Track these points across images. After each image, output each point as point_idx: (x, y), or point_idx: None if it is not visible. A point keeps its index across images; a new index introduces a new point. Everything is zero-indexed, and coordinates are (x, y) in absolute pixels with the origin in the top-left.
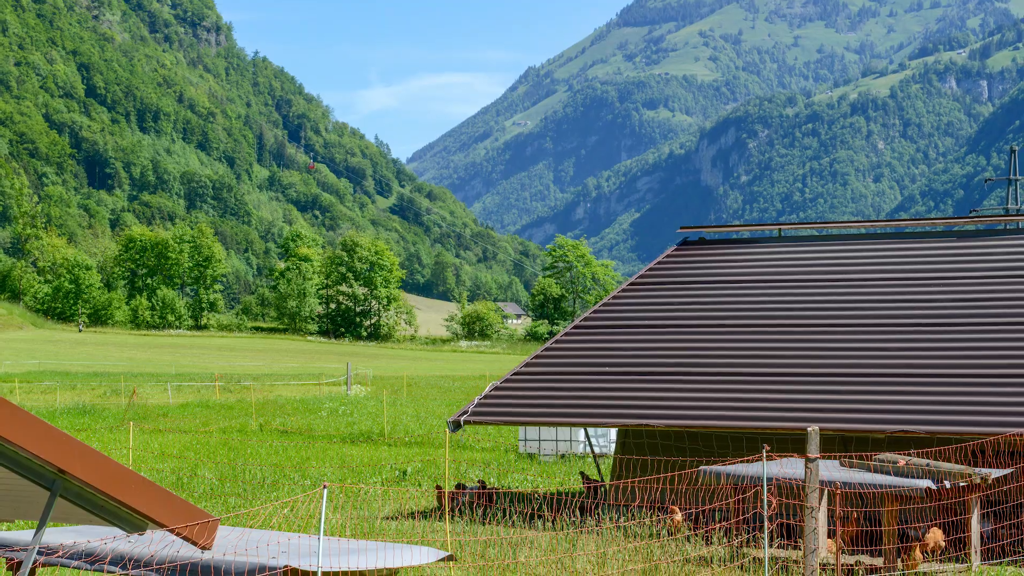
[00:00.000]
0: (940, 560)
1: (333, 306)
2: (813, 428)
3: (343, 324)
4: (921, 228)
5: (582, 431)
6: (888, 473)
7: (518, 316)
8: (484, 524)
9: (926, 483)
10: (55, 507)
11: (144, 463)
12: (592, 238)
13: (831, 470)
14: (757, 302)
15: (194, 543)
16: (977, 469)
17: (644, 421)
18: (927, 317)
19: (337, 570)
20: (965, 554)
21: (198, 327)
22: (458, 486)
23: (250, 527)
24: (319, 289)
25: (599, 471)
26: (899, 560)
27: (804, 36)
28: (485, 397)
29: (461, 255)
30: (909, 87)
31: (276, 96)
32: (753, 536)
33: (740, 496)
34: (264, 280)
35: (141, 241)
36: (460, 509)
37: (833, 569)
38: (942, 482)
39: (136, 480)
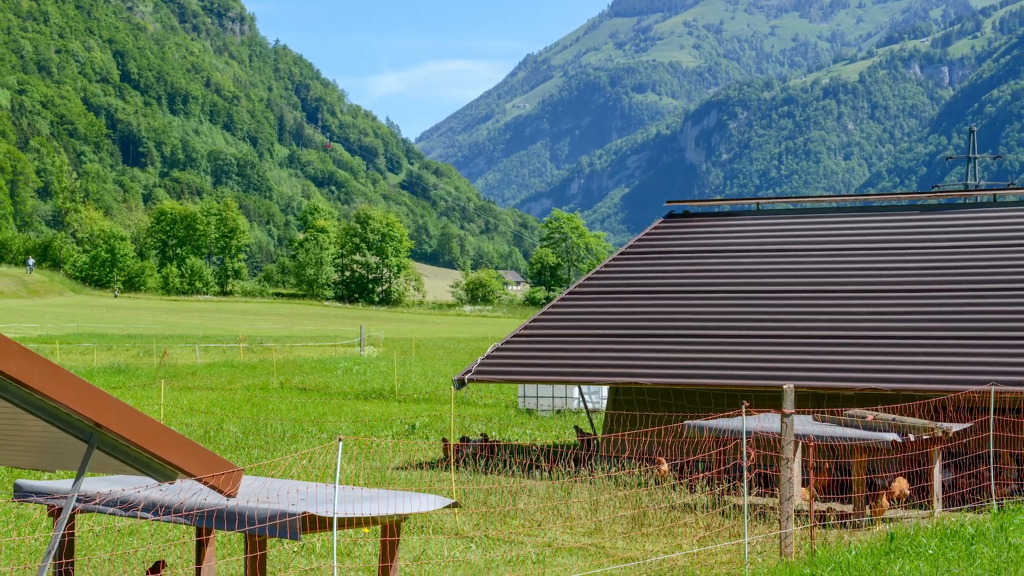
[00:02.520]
0: (905, 507)
1: (348, 274)
2: (788, 386)
3: (357, 290)
4: (887, 202)
5: (576, 388)
6: (857, 427)
7: (517, 283)
8: (486, 474)
9: (892, 436)
10: (92, 458)
11: (174, 418)
12: (585, 211)
13: (805, 424)
14: (737, 270)
15: (220, 491)
16: (939, 423)
17: (633, 379)
18: (893, 284)
19: (351, 516)
20: (928, 502)
21: (224, 293)
22: (462, 439)
23: (271, 476)
24: (335, 258)
25: (592, 425)
26: (867, 507)
27: (780, 26)
28: (487, 357)
29: (465, 227)
30: (876, 73)
31: (295, 81)
32: (733, 485)
33: (721, 448)
34: (284, 250)
35: (171, 214)
36: (464, 460)
37: (807, 515)
38: (907, 435)
39: (167, 433)
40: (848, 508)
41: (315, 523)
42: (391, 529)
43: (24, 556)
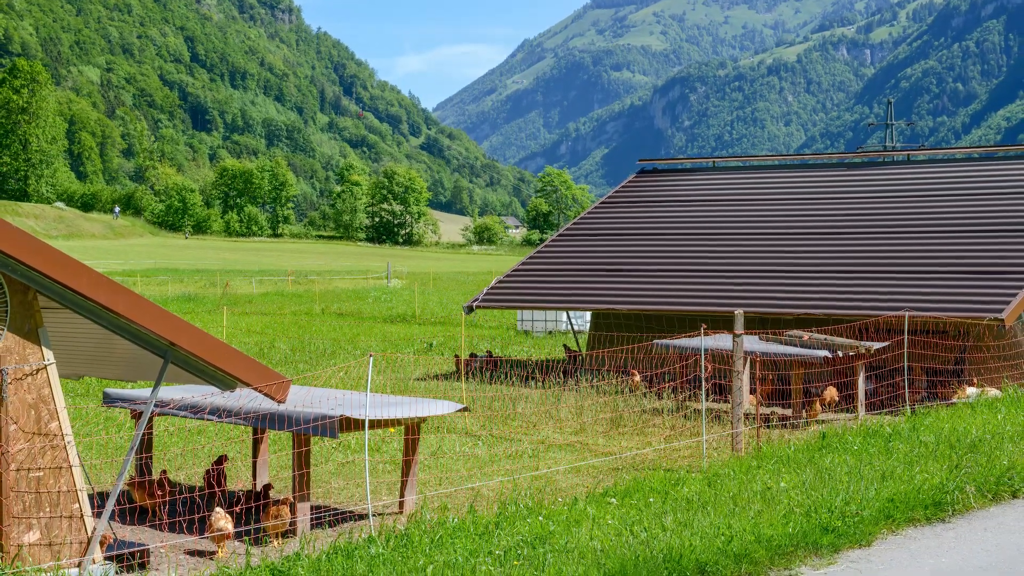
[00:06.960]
0: (834, 411)
1: (377, 219)
2: (739, 311)
3: (384, 233)
4: (820, 161)
5: (565, 313)
6: (795, 345)
7: (516, 227)
8: (491, 384)
9: (824, 353)
10: (167, 371)
11: (234, 337)
12: (572, 168)
13: (752, 343)
14: (697, 217)
15: (272, 398)
16: (862, 342)
17: (611, 306)
18: (825, 227)
19: (380, 418)
20: (853, 406)
21: (275, 235)
22: (471, 355)
23: (314, 386)
24: (366, 206)
25: (578, 344)
26: (803, 411)
27: (732, 15)
28: (491, 288)
29: (473, 181)
30: (811, 54)
31: (334, 61)
32: (694, 393)
33: (684, 363)
34: (325, 200)
35: (232, 170)
36: (472, 372)
37: (754, 418)
38: (836, 352)
39: (228, 350)
40: (788, 412)
41: (350, 424)
42: (413, 429)
43: (111, 451)
